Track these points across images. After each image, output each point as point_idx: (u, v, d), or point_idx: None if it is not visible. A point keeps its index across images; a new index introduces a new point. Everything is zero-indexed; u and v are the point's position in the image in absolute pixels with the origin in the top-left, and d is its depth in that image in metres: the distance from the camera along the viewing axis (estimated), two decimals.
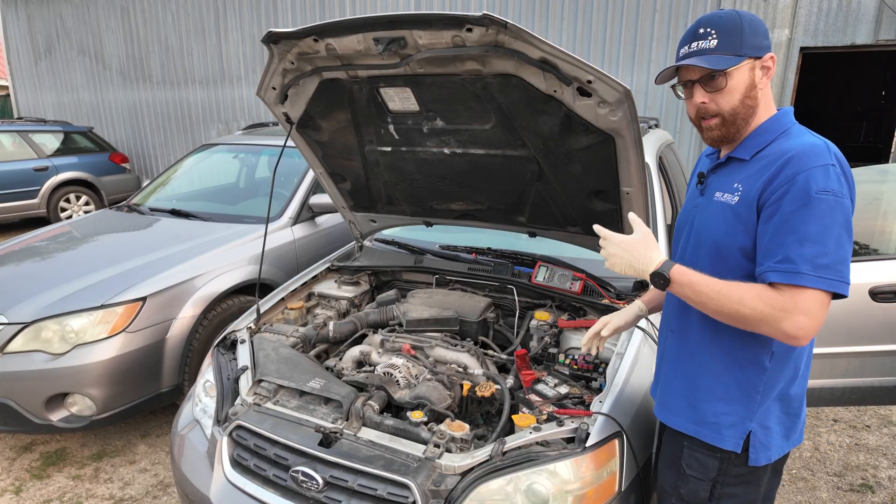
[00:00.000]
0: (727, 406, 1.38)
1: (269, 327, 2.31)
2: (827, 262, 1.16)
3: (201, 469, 1.88)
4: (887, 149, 9.91)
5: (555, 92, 1.67)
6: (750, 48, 1.27)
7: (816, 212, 1.17)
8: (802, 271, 1.17)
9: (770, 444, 1.39)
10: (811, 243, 1.17)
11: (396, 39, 1.64)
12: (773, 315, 1.18)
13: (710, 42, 1.28)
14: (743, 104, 1.31)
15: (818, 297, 1.17)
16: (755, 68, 1.30)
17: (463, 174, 2.20)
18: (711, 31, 1.29)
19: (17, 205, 7.86)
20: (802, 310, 1.17)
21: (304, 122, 2.19)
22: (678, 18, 6.73)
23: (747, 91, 1.30)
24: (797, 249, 1.18)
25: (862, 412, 3.46)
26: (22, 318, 2.79)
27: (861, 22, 6.02)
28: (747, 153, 1.34)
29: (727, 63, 1.27)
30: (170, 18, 10.20)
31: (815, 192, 1.17)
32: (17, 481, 2.92)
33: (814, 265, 1.16)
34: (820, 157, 1.21)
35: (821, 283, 1.16)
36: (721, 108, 1.32)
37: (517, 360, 1.97)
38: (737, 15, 1.29)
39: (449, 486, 1.49)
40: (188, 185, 4.71)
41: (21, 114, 12.63)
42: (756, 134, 1.34)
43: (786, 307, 1.17)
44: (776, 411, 1.39)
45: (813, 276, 1.16)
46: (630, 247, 1.34)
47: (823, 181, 1.18)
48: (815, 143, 1.25)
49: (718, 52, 1.28)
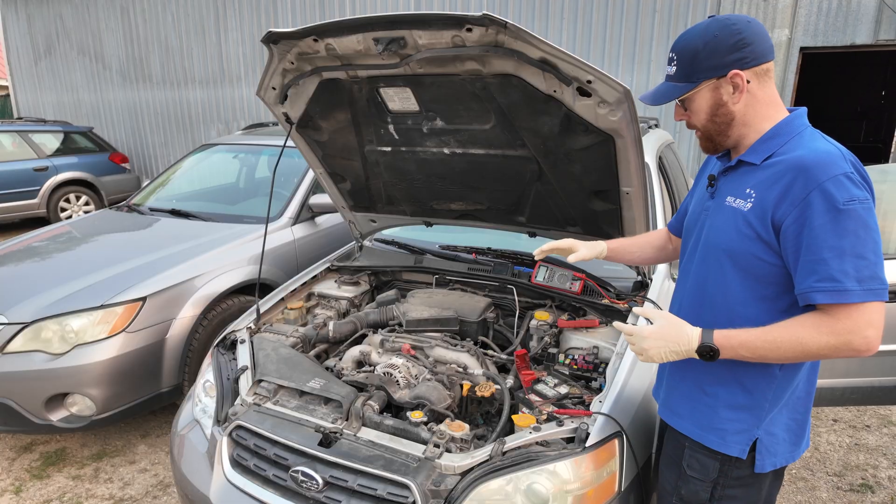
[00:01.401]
0: (735, 413, 1.37)
1: (269, 327, 2.31)
2: (869, 273, 1.16)
3: (201, 469, 1.88)
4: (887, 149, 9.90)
5: (555, 92, 1.67)
6: (705, 71, 1.29)
7: (848, 224, 1.16)
8: (850, 288, 1.16)
9: (776, 451, 1.37)
10: (851, 257, 1.16)
11: (396, 39, 1.64)
12: (842, 342, 1.17)
13: (672, 68, 1.35)
14: (711, 121, 1.35)
15: (873, 307, 1.17)
16: (719, 87, 1.30)
17: (463, 174, 2.20)
18: (674, 56, 1.34)
19: (16, 205, 7.86)
20: (865, 324, 1.16)
21: (303, 122, 2.19)
22: (678, 18, 6.73)
23: (713, 111, 1.33)
24: (839, 265, 1.16)
25: (862, 412, 3.46)
26: (22, 318, 2.79)
27: (861, 22, 6.02)
28: (757, 158, 1.31)
29: (678, 91, 1.33)
30: (170, 18, 10.20)
31: (843, 204, 1.15)
32: (17, 481, 2.92)
33: (858, 279, 1.15)
34: (837, 165, 1.18)
35: (869, 295, 1.16)
36: (694, 124, 1.38)
37: (517, 360, 1.97)
38: (697, 38, 1.30)
39: (449, 486, 1.49)
40: (188, 185, 4.71)
41: (21, 114, 12.63)
42: (766, 138, 1.32)
43: (849, 329, 1.17)
44: (784, 418, 1.37)
45: (861, 291, 1.16)
46: (662, 335, 1.32)
47: (847, 191, 1.16)
48: (829, 151, 1.22)
49: (675, 80, 1.34)
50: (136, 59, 10.78)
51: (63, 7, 11.33)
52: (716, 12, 6.47)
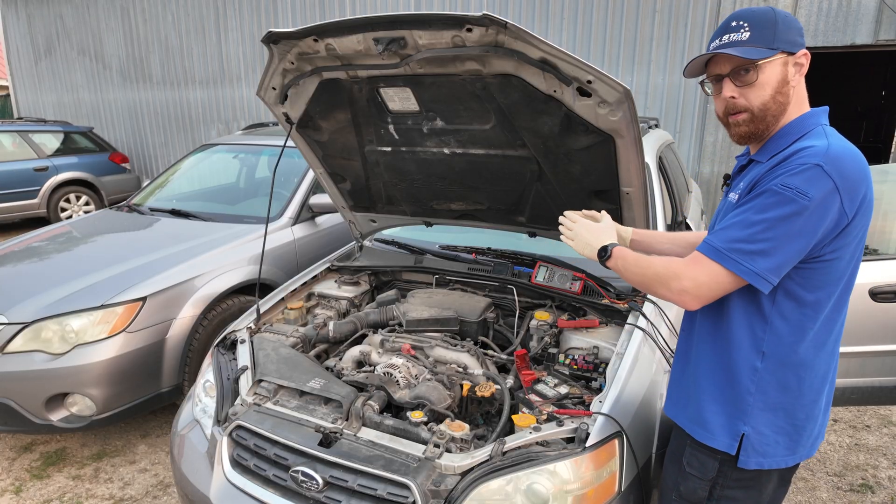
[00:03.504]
0: (718, 406, 1.38)
1: (269, 327, 2.31)
2: (745, 248, 1.21)
3: (201, 469, 1.88)
4: (887, 149, 9.90)
5: (555, 92, 1.67)
6: (783, 42, 1.25)
7: (765, 202, 1.20)
8: (713, 244, 1.25)
9: (765, 451, 1.35)
10: (740, 227, 1.23)
11: (396, 39, 1.64)
12: (665, 275, 1.31)
13: (742, 34, 1.26)
14: (774, 100, 1.28)
15: (713, 269, 1.25)
16: (788, 64, 1.27)
17: (463, 174, 2.20)
18: (744, 23, 1.27)
19: (17, 205, 7.86)
20: (691, 275, 1.27)
21: (304, 122, 2.19)
22: (678, 18, 6.72)
23: (779, 87, 1.27)
24: (727, 229, 1.25)
25: (862, 412, 3.46)
26: (22, 317, 2.79)
27: (861, 22, 6.02)
28: (765, 156, 1.32)
29: (759, 54, 1.24)
30: (170, 18, 10.20)
31: (777, 186, 1.19)
32: (18, 481, 2.92)
33: (728, 244, 1.23)
34: (811, 157, 1.18)
35: (722, 259, 1.23)
36: (751, 104, 1.29)
37: (517, 360, 1.97)
38: (771, 11, 1.28)
39: (449, 486, 1.49)
40: (188, 185, 4.71)
41: (21, 114, 12.63)
42: (779, 136, 1.31)
43: (679, 272, 1.29)
44: (776, 419, 1.35)
45: (718, 251, 1.24)
46: (591, 229, 1.55)
47: (793, 179, 1.18)
48: (816, 147, 1.20)
49: (750, 44, 1.25)
50: (136, 58, 10.78)
51: (63, 7, 11.33)
52: (716, 13, 6.47)
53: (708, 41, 1.38)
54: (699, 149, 6.98)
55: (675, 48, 6.78)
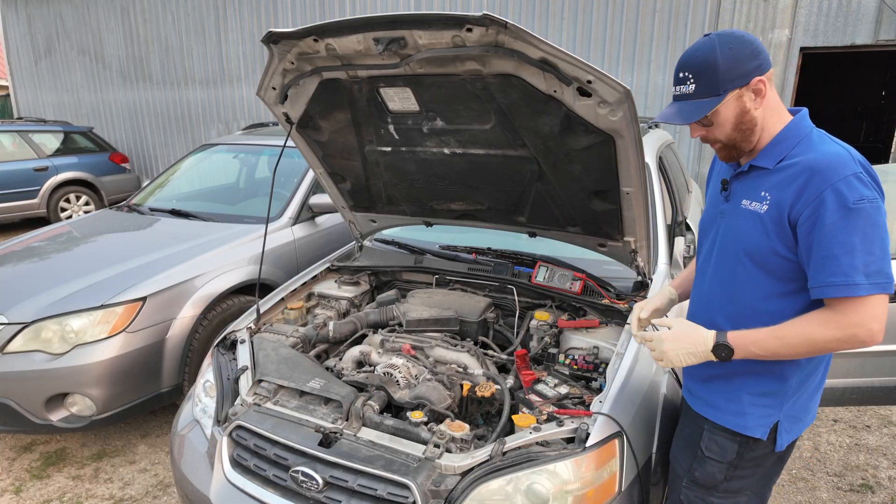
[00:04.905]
0: (761, 399, 1.44)
1: (269, 327, 2.31)
2: (875, 268, 1.23)
3: (201, 469, 1.88)
4: (887, 149, 9.90)
5: (555, 92, 1.67)
6: (729, 83, 1.30)
7: (858, 221, 1.23)
8: (858, 282, 1.23)
9: (792, 428, 1.46)
10: (860, 253, 1.23)
11: (396, 39, 1.64)
12: (848, 335, 1.25)
13: (689, 87, 1.33)
14: (736, 130, 1.36)
15: (877, 301, 1.24)
16: (742, 96, 1.32)
17: (463, 174, 2.20)
18: (689, 74, 1.33)
19: (17, 205, 7.86)
20: (869, 318, 1.24)
21: (304, 122, 2.19)
22: (678, 18, 6.73)
23: (738, 119, 1.34)
24: (849, 261, 1.23)
25: (862, 412, 3.46)
26: (22, 317, 2.79)
27: (861, 22, 6.02)
28: (771, 162, 1.37)
29: (704, 108, 1.31)
30: (170, 18, 10.20)
31: (853, 203, 1.22)
32: (17, 481, 2.92)
33: (866, 273, 1.23)
34: (846, 166, 1.25)
35: (875, 288, 1.23)
36: (717, 137, 1.38)
37: (517, 360, 1.97)
38: (712, 55, 1.30)
39: (449, 486, 1.49)
40: (188, 185, 4.71)
41: (21, 114, 12.63)
42: (776, 142, 1.37)
43: (855, 322, 1.25)
44: (803, 399, 1.46)
45: (868, 285, 1.23)
46: (679, 337, 1.41)
47: (857, 191, 1.23)
48: (839, 153, 1.28)
49: (697, 97, 1.33)
50: (136, 59, 10.78)
51: (63, 7, 11.33)
52: (716, 13, 6.47)
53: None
54: (699, 149, 6.98)
55: (675, 48, 6.78)
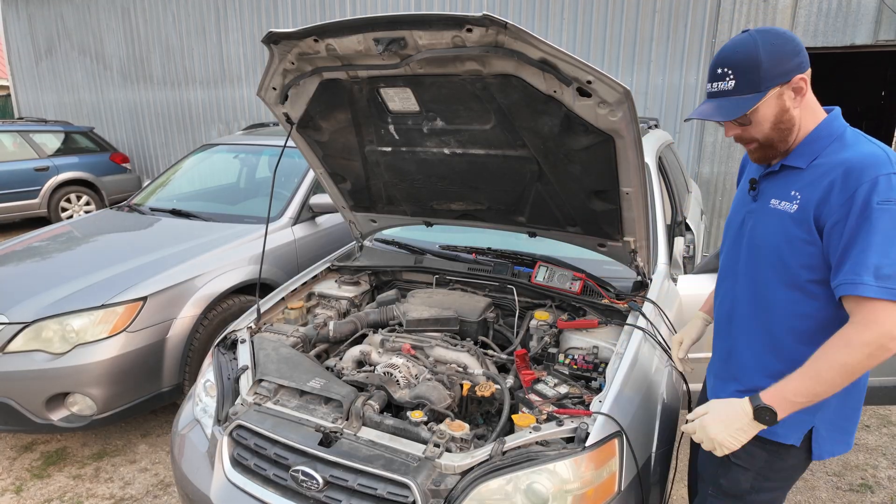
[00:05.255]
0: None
1: (270, 327, 2.31)
2: (889, 272, 1.18)
3: (202, 468, 1.88)
4: None
5: (555, 92, 1.67)
6: (771, 80, 1.26)
7: (879, 223, 1.18)
8: (865, 282, 1.19)
9: (835, 438, 1.39)
10: (875, 254, 1.18)
11: (396, 40, 1.64)
12: (875, 347, 1.19)
13: (728, 83, 1.29)
14: (775, 129, 1.32)
15: (883, 306, 1.18)
16: (783, 94, 1.29)
17: (463, 174, 2.21)
18: (728, 70, 1.28)
19: (17, 205, 7.86)
20: (892, 325, 1.18)
21: (304, 122, 2.19)
22: (678, 18, 6.72)
23: (778, 117, 1.30)
24: (862, 260, 1.19)
25: (862, 412, 3.46)
26: (23, 317, 2.79)
27: (861, 22, 6.02)
28: (804, 161, 1.34)
29: (745, 105, 1.27)
30: (170, 18, 10.20)
31: (877, 203, 1.18)
32: (18, 481, 2.92)
33: (877, 276, 1.18)
34: (880, 166, 1.21)
35: (884, 293, 1.18)
36: (755, 137, 1.34)
37: (517, 360, 1.97)
38: (754, 48, 1.26)
39: (449, 485, 1.50)
40: (189, 185, 4.71)
41: (22, 114, 12.63)
42: (809, 141, 1.34)
43: (884, 332, 1.18)
44: (841, 405, 1.39)
45: (876, 287, 1.18)
46: (719, 419, 1.31)
47: (886, 191, 1.19)
48: (873, 153, 1.25)
49: (737, 94, 1.28)
50: (136, 59, 10.78)
51: (64, 7, 11.33)
52: (716, 13, 6.47)
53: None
54: (699, 149, 6.98)
55: (675, 48, 6.78)
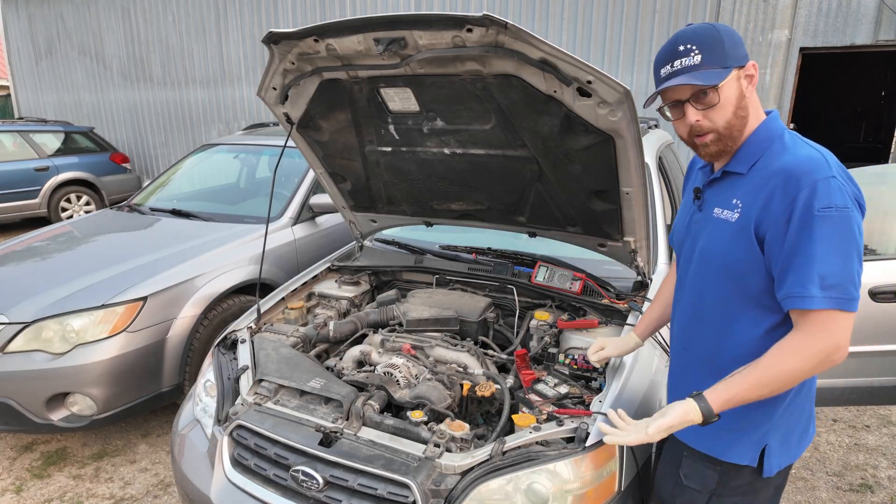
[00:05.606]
0: (746, 422, 1.33)
1: (270, 327, 2.31)
2: (833, 281, 1.15)
3: (202, 468, 1.88)
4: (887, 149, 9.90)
5: (555, 92, 1.67)
6: (733, 58, 1.23)
7: (820, 231, 1.15)
8: (812, 294, 1.16)
9: (783, 451, 1.35)
10: (818, 264, 1.16)
11: (397, 40, 1.64)
12: (823, 357, 1.17)
13: (693, 58, 1.23)
14: (736, 116, 1.27)
15: (848, 318, 1.17)
16: (740, 78, 1.26)
17: (463, 174, 2.21)
18: (692, 46, 1.24)
19: (17, 205, 7.86)
20: (843, 337, 1.17)
21: (304, 122, 2.20)
22: (678, 18, 6.73)
23: (738, 102, 1.26)
24: (806, 271, 1.16)
25: (861, 412, 3.46)
26: (23, 317, 2.79)
27: (861, 22, 6.02)
28: (744, 166, 1.30)
29: (718, 77, 1.22)
30: (170, 18, 10.20)
31: (818, 210, 1.15)
32: (18, 481, 2.92)
33: (822, 286, 1.16)
34: (818, 170, 1.18)
35: (830, 303, 1.15)
36: (715, 124, 1.27)
37: (517, 360, 1.97)
38: (714, 28, 1.25)
39: (449, 485, 1.50)
40: (189, 185, 4.71)
41: (22, 114, 12.64)
42: (748, 144, 1.31)
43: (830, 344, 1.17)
44: (791, 417, 1.35)
45: (822, 298, 1.16)
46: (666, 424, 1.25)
47: (825, 197, 1.15)
48: (811, 157, 1.21)
49: (705, 67, 1.23)
50: (136, 59, 10.79)
51: (64, 7, 11.34)
52: (716, 13, 6.47)
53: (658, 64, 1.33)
54: None
55: None
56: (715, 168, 1.40)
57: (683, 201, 1.57)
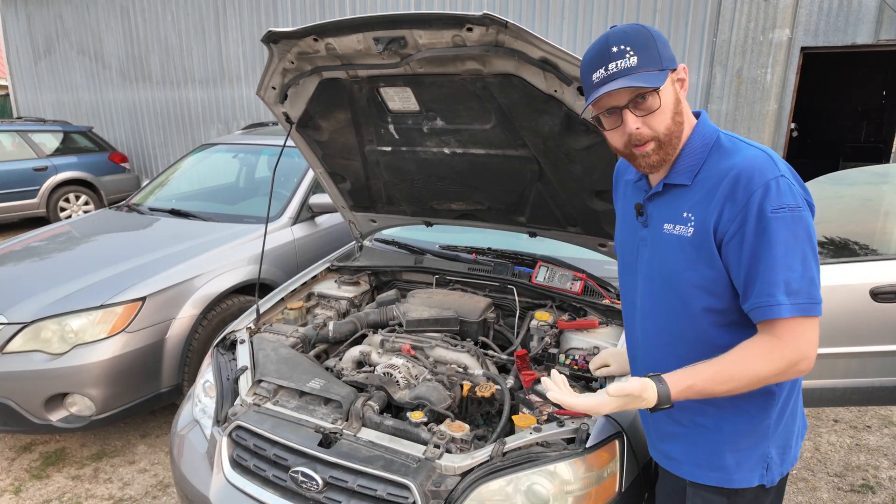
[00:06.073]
0: (744, 447, 1.29)
1: (269, 327, 2.31)
2: (797, 286, 1.11)
3: (201, 469, 1.88)
4: (888, 149, 9.89)
5: (555, 92, 1.66)
6: (667, 60, 1.15)
7: (777, 233, 1.11)
8: (780, 302, 1.11)
9: (783, 459, 1.32)
10: (781, 269, 1.11)
11: (396, 39, 1.64)
12: (780, 366, 1.13)
13: (629, 59, 1.13)
14: (674, 122, 1.19)
15: (814, 324, 1.13)
16: (674, 81, 1.18)
17: (463, 174, 2.20)
18: (626, 47, 1.13)
19: (16, 204, 7.85)
20: (810, 346, 1.13)
21: (303, 121, 2.19)
22: (678, 18, 6.72)
23: (675, 107, 1.18)
24: (770, 279, 1.12)
25: (862, 412, 3.46)
26: (21, 317, 2.79)
27: (862, 22, 6.01)
28: (687, 177, 1.22)
29: (658, 79, 1.13)
30: (169, 18, 10.19)
31: (772, 212, 1.11)
32: (17, 481, 2.92)
33: (787, 292, 1.11)
34: (766, 170, 1.13)
35: (797, 310, 1.11)
36: (656, 131, 1.17)
37: (517, 361, 1.96)
38: (644, 28, 1.16)
39: (449, 486, 1.49)
40: (188, 185, 4.71)
41: (21, 113, 12.62)
42: (687, 153, 1.23)
43: (797, 353, 1.12)
44: (787, 423, 1.31)
45: (789, 305, 1.11)
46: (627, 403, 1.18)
47: (776, 198, 1.11)
48: (756, 157, 1.16)
49: (643, 70, 1.12)
50: (135, 58, 10.78)
51: (63, 7, 11.32)
52: (716, 13, 6.47)
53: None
54: None
55: (676, 48, 6.78)
56: (652, 181, 1.30)
57: (621, 215, 1.47)
